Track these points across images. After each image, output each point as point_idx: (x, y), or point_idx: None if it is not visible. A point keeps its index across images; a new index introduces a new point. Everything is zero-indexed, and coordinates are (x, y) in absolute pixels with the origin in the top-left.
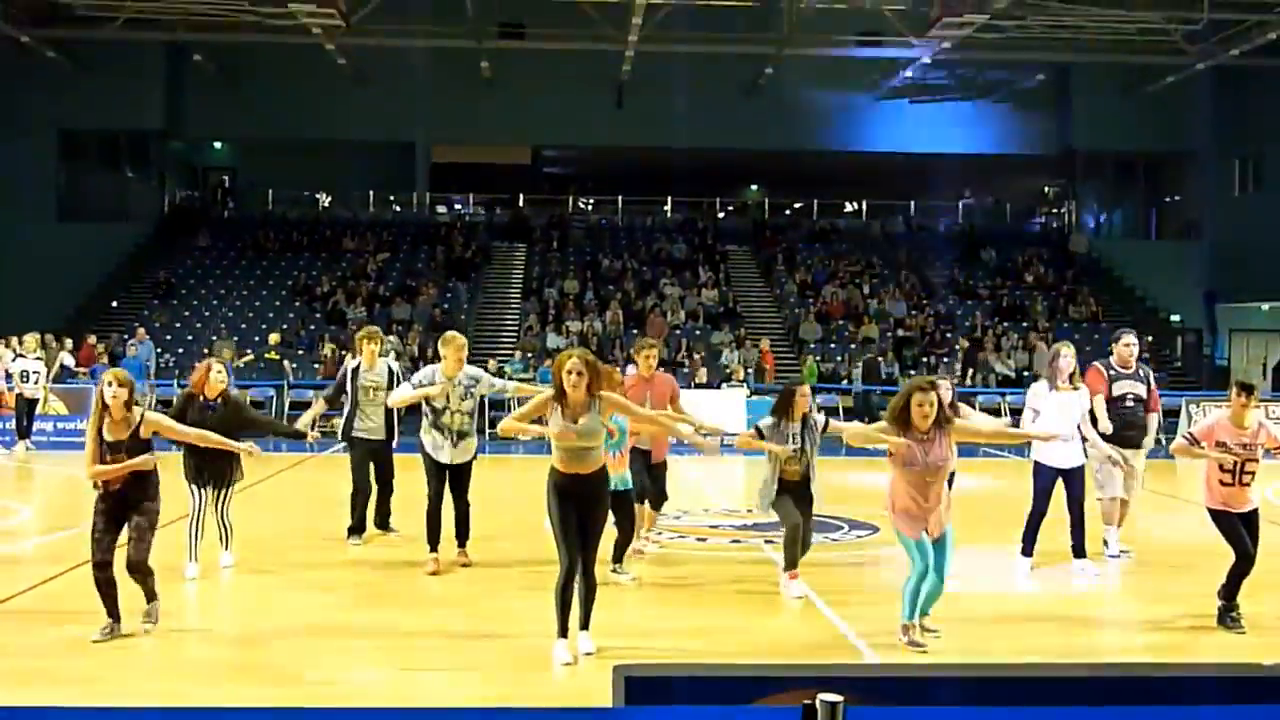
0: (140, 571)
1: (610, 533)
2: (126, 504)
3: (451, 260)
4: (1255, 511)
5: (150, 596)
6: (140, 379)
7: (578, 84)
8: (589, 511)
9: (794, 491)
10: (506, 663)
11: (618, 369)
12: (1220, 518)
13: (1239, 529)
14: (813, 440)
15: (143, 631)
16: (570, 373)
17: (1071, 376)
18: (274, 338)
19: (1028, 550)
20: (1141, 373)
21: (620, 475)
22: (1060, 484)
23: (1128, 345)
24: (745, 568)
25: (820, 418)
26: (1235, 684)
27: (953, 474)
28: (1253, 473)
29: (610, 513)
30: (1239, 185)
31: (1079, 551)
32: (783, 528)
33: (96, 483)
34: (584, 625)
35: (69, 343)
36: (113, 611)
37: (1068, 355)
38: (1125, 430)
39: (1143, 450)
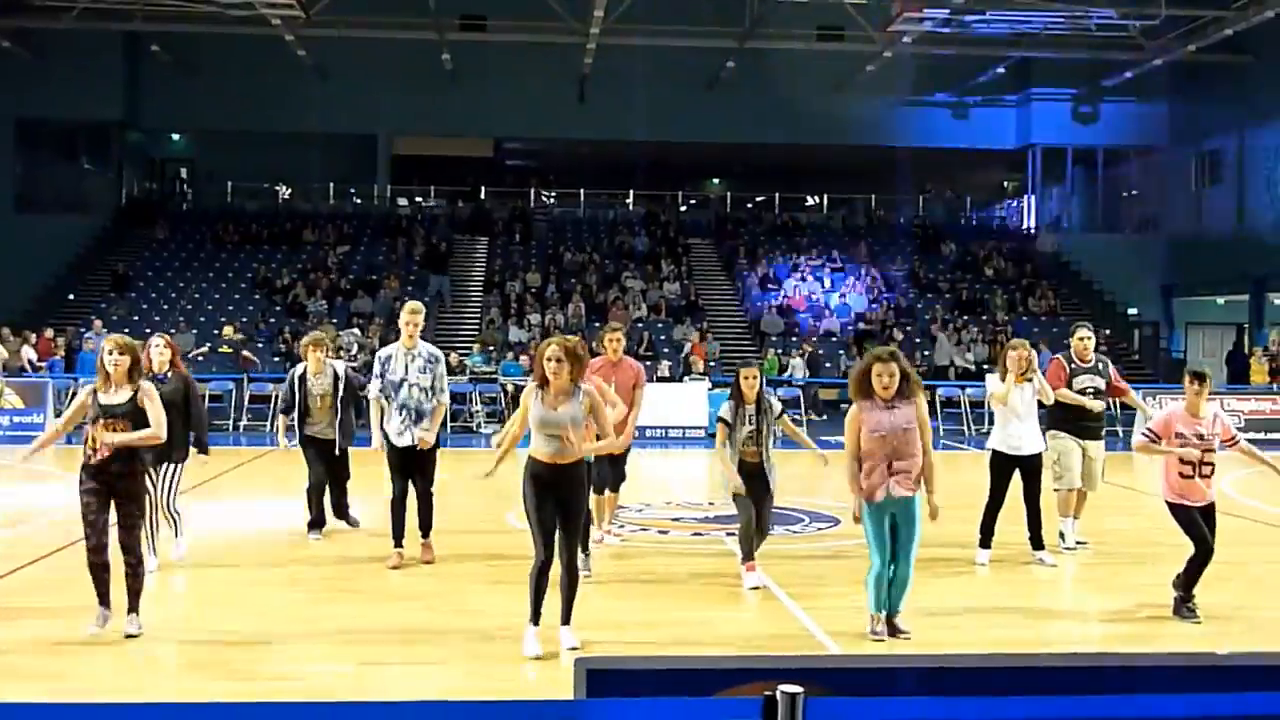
0: (133, 554)
1: None
2: (113, 481)
3: (417, 252)
4: (1212, 505)
5: (132, 591)
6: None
7: (539, 77)
8: (568, 501)
9: (751, 475)
10: (469, 656)
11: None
12: (1178, 511)
13: (1198, 521)
14: (769, 423)
15: (129, 636)
16: (551, 360)
17: (1025, 371)
18: (228, 330)
19: (985, 542)
20: (1100, 365)
21: None
22: (1017, 475)
23: (1083, 339)
24: (707, 560)
25: (777, 405)
26: (1190, 672)
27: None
28: (1212, 464)
29: None
30: (1195, 180)
31: (1036, 543)
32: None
33: (87, 454)
34: (565, 620)
35: (32, 337)
36: (104, 598)
37: (1016, 354)
38: (1085, 422)
39: (1101, 442)
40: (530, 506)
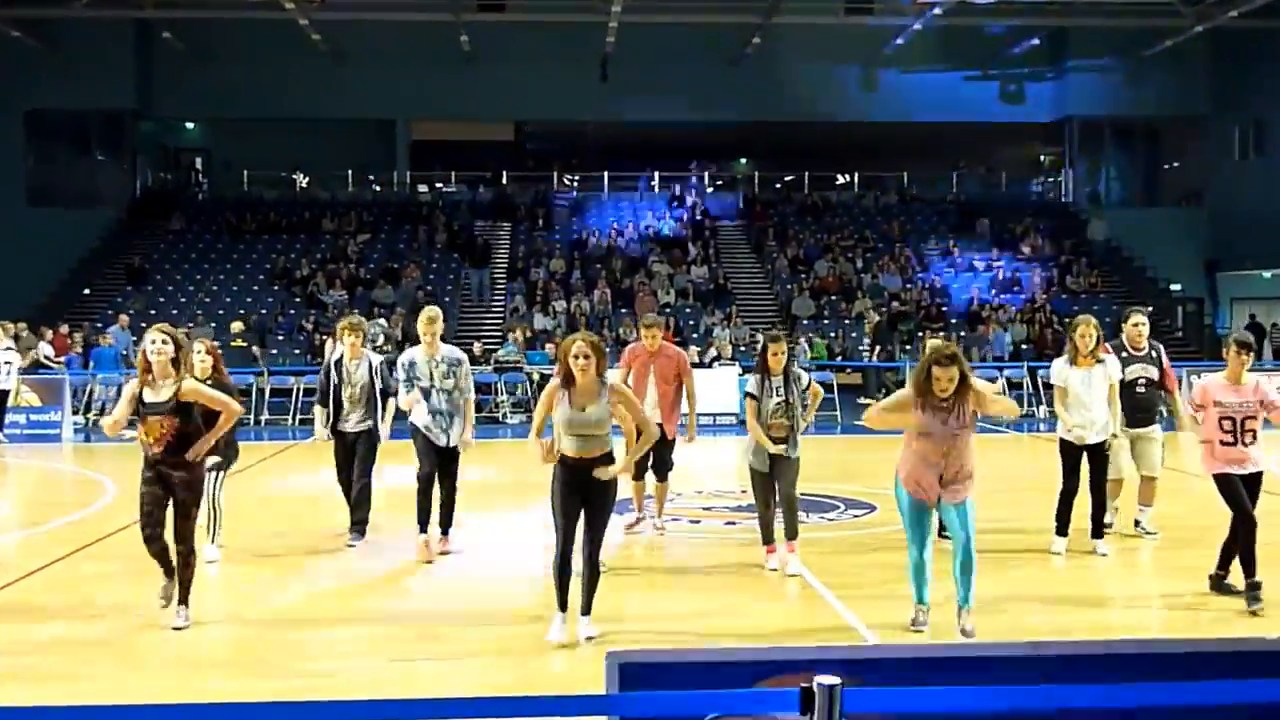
0: (186, 543)
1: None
2: (169, 472)
3: (440, 240)
4: (1260, 475)
5: (182, 582)
6: (118, 369)
7: (560, 57)
8: (595, 497)
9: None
10: (500, 651)
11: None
12: (1222, 481)
13: (1239, 490)
14: (798, 392)
15: (177, 629)
16: (578, 357)
17: (1093, 351)
18: (236, 325)
19: (1062, 529)
20: (1154, 354)
21: None
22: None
23: (1137, 325)
24: (739, 550)
25: (805, 376)
26: (1240, 658)
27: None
28: (1254, 431)
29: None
30: (1240, 151)
31: (1096, 531)
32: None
33: (145, 451)
34: (585, 610)
35: (48, 333)
36: (168, 570)
37: (1085, 333)
38: (1137, 413)
39: (1155, 425)
40: (556, 500)
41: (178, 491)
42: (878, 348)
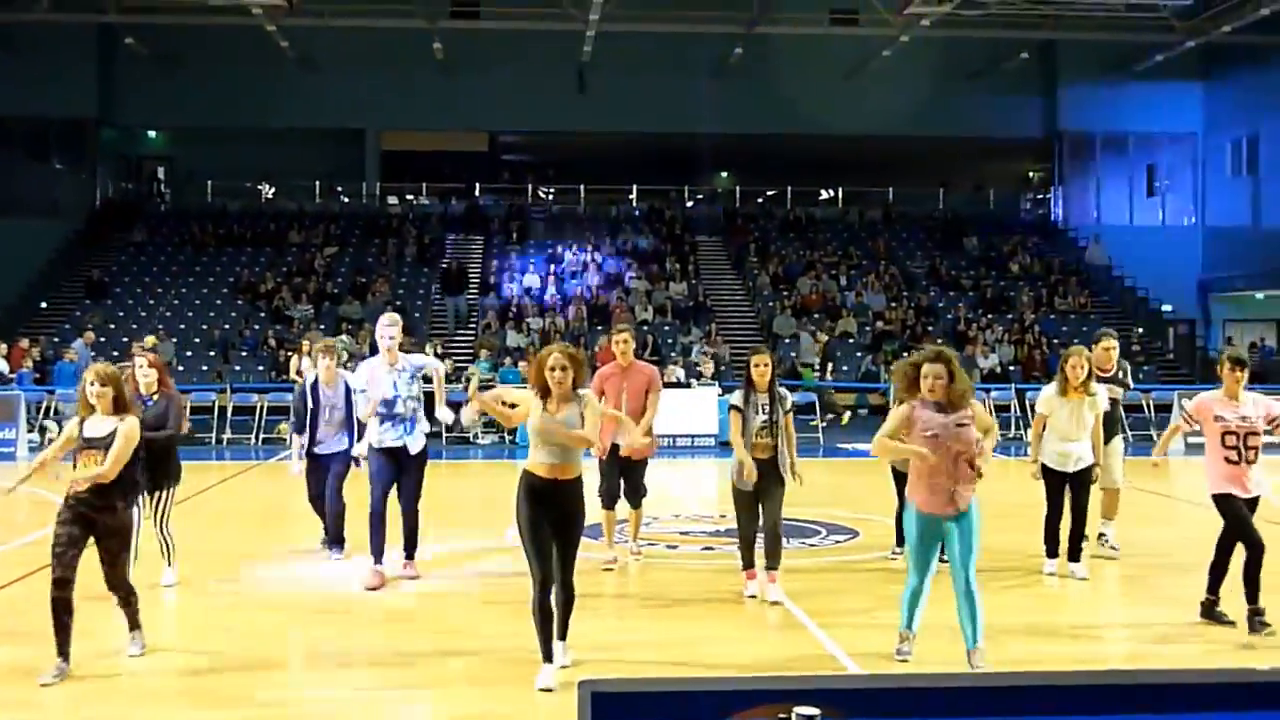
0: (121, 589)
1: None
2: (92, 515)
3: (409, 253)
4: (1257, 500)
5: (133, 624)
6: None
7: (536, 66)
8: (566, 517)
9: (763, 473)
10: (467, 680)
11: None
12: (1225, 503)
13: (1245, 516)
14: (782, 413)
15: (133, 656)
16: (554, 369)
17: (1084, 383)
18: (150, 340)
19: (1052, 551)
20: (1120, 374)
21: None
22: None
23: (1108, 350)
24: (718, 576)
25: (789, 397)
26: (1231, 690)
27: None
28: (1256, 448)
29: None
30: (1232, 168)
31: (1073, 554)
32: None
33: (71, 489)
34: (561, 635)
35: (2, 347)
36: (64, 648)
37: (1078, 364)
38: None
39: (1116, 439)
40: (525, 525)
41: (103, 536)
42: (829, 365)
